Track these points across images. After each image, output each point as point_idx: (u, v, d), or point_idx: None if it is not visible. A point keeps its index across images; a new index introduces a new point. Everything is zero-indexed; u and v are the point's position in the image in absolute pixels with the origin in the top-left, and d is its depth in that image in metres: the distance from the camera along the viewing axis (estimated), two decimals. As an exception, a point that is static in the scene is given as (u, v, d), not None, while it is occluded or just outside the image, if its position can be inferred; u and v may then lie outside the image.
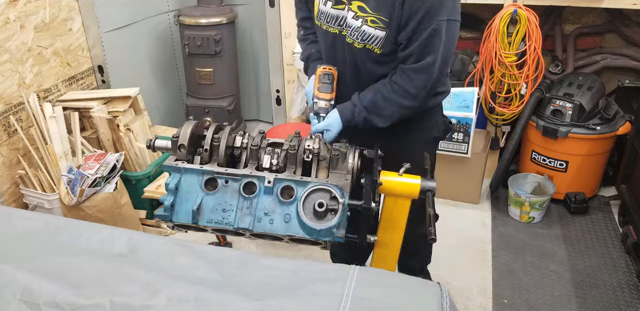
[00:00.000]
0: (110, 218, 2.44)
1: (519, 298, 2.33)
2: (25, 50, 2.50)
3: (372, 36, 1.55)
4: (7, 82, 2.44)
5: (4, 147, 2.49)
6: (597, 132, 2.74)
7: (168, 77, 3.54)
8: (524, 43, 2.72)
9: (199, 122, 1.53)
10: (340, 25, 1.61)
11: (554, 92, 2.85)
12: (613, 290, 2.36)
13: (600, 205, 3.00)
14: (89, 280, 1.19)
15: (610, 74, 3.15)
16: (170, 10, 3.39)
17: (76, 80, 2.84)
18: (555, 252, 2.63)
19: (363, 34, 1.56)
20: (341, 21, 1.60)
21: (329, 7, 1.60)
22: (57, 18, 2.65)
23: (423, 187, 1.53)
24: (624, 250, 2.60)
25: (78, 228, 1.39)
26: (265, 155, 1.50)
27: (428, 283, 1.21)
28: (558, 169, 2.90)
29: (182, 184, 1.46)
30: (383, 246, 1.68)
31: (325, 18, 1.63)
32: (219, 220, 1.44)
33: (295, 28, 1.85)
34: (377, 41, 1.56)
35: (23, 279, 1.17)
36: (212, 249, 1.33)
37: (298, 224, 1.41)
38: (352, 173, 1.49)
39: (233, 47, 3.34)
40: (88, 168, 2.38)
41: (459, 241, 2.68)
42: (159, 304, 1.10)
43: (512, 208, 2.90)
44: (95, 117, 2.62)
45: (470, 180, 2.96)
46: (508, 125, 3.09)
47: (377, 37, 1.55)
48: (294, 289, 1.15)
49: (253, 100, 3.94)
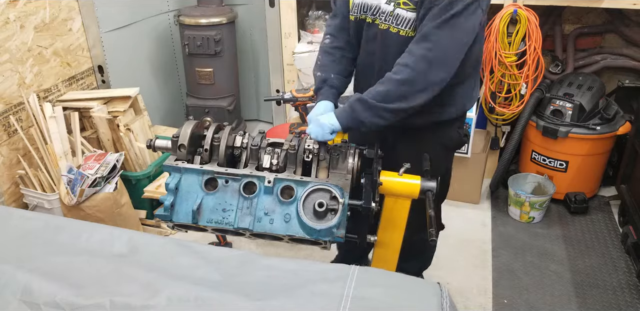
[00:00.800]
0: (110, 218, 2.44)
1: (519, 298, 2.33)
2: (25, 50, 2.50)
3: (405, 19, 1.55)
4: (7, 82, 2.44)
5: (4, 147, 2.49)
6: (597, 132, 2.74)
7: (168, 77, 3.54)
8: (524, 43, 2.72)
9: (199, 122, 1.53)
10: (373, 14, 1.61)
11: (554, 92, 2.85)
12: (613, 290, 2.36)
13: (600, 205, 3.00)
14: (89, 280, 1.19)
15: (610, 74, 3.15)
16: (170, 10, 3.40)
17: (76, 80, 2.84)
18: (555, 252, 2.63)
19: (397, 17, 1.56)
20: (375, 10, 1.61)
21: None
22: (57, 18, 2.65)
23: (423, 187, 1.53)
24: (624, 250, 2.60)
25: (78, 228, 1.39)
26: (265, 155, 1.50)
27: (428, 283, 1.21)
28: (558, 169, 2.90)
29: (182, 184, 1.46)
30: (383, 246, 1.68)
31: (360, 9, 1.64)
32: (219, 220, 1.44)
33: (296, 28, 1.85)
34: (410, 24, 1.55)
35: (23, 279, 1.17)
36: (212, 249, 1.33)
37: (298, 224, 1.41)
38: (352, 173, 1.49)
39: (233, 47, 3.34)
40: (88, 168, 2.39)
41: (459, 242, 2.68)
42: (159, 304, 1.11)
43: (512, 208, 2.90)
44: (95, 117, 2.62)
45: (470, 180, 2.96)
46: (508, 125, 3.09)
47: (409, 20, 1.54)
48: (294, 289, 1.15)
49: (253, 100, 3.94)
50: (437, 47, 1.46)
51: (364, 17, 1.65)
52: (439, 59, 1.47)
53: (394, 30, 1.58)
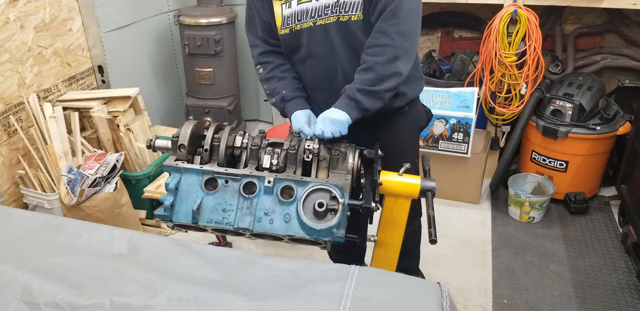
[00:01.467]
0: (110, 218, 2.44)
1: (519, 298, 2.33)
2: (25, 50, 2.50)
3: (352, 4, 1.55)
4: (7, 82, 2.44)
5: (4, 147, 2.49)
6: (597, 132, 2.74)
7: (168, 77, 3.54)
8: (524, 43, 2.72)
9: (199, 122, 1.53)
10: (313, 16, 1.60)
11: (554, 92, 2.85)
12: (613, 290, 2.36)
13: (600, 205, 3.00)
14: (89, 280, 1.19)
15: (610, 74, 3.15)
16: (170, 10, 3.40)
17: (76, 80, 2.84)
18: (555, 252, 2.63)
19: (343, 5, 1.56)
20: (314, 11, 1.60)
21: (295, 4, 1.60)
22: (57, 18, 2.65)
23: (423, 187, 1.53)
24: (624, 250, 2.60)
25: (78, 228, 1.39)
26: (265, 155, 1.50)
27: (428, 283, 1.21)
28: (558, 169, 2.90)
29: (182, 184, 1.46)
30: (383, 246, 1.68)
31: (294, 18, 1.63)
32: (219, 220, 1.44)
33: None
34: (357, 7, 1.56)
35: (23, 279, 1.17)
36: (212, 249, 1.33)
37: (298, 224, 1.41)
38: (352, 173, 1.49)
39: (233, 47, 3.34)
40: (88, 168, 2.39)
41: (459, 242, 2.69)
42: (159, 304, 1.11)
43: (512, 208, 2.90)
44: (95, 117, 2.62)
45: (470, 180, 2.96)
46: (508, 125, 3.09)
47: (357, 3, 1.55)
48: (294, 289, 1.15)
49: (253, 100, 3.94)
50: (405, 19, 1.54)
51: (299, 27, 1.63)
52: (409, 30, 1.56)
53: (343, 19, 1.58)
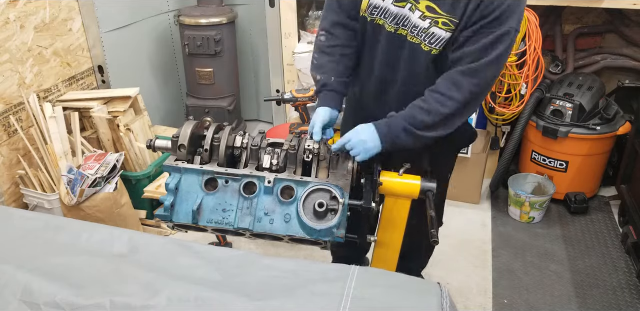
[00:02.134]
0: (110, 218, 2.44)
1: (519, 298, 2.33)
2: (25, 50, 2.50)
3: (440, 38, 1.46)
4: (7, 82, 2.44)
5: (4, 147, 2.49)
6: (597, 132, 2.74)
7: (168, 77, 3.54)
8: (524, 43, 2.72)
9: (199, 122, 1.53)
10: (397, 23, 1.50)
11: (554, 92, 2.85)
12: (613, 290, 2.36)
13: (600, 205, 3.00)
14: (89, 280, 1.19)
15: (610, 74, 3.15)
16: (170, 10, 3.39)
17: (76, 80, 2.84)
18: (555, 252, 2.63)
19: (431, 36, 1.46)
20: (400, 20, 1.50)
21: (389, 2, 1.49)
22: (57, 18, 2.65)
23: (423, 187, 1.53)
24: (624, 250, 2.60)
25: (78, 228, 1.39)
26: (265, 155, 1.50)
27: (428, 283, 1.21)
28: (558, 169, 2.90)
29: (182, 184, 1.46)
30: (383, 246, 1.68)
31: (380, 13, 1.52)
32: (219, 220, 1.44)
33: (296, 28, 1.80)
34: (443, 43, 1.47)
35: (23, 279, 1.18)
36: (212, 249, 1.33)
37: (298, 224, 1.41)
38: (352, 173, 1.49)
39: (233, 47, 3.34)
40: (88, 168, 2.39)
41: (459, 242, 2.68)
42: (159, 304, 1.11)
43: (512, 208, 2.90)
44: (95, 117, 2.62)
45: (470, 180, 2.96)
46: (508, 125, 3.09)
47: (444, 39, 1.46)
48: (294, 289, 1.15)
49: (253, 100, 3.94)
50: (483, 82, 1.46)
51: (381, 23, 1.54)
52: (482, 92, 1.50)
53: (425, 49, 1.50)
